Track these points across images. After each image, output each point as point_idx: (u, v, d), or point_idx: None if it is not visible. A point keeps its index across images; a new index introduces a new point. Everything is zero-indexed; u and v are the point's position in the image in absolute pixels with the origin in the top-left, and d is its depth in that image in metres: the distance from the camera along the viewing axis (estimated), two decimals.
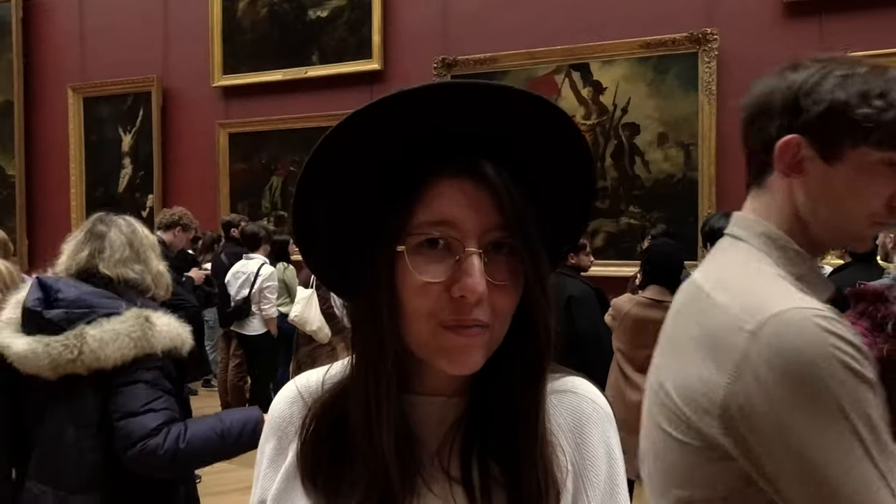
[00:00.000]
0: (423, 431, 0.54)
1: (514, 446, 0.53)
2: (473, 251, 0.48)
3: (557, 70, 4.90)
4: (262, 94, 5.87)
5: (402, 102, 0.48)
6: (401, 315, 0.51)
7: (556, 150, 0.53)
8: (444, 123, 0.49)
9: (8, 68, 6.88)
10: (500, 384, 0.54)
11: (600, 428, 0.57)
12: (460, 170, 0.50)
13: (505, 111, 0.49)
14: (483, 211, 0.50)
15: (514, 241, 0.50)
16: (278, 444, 0.59)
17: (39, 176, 7.02)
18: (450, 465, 0.53)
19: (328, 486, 0.54)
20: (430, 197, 0.50)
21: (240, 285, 4.08)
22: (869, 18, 4.25)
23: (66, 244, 1.60)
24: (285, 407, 0.60)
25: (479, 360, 0.51)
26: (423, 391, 0.55)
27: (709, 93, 4.52)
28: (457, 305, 0.49)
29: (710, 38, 4.49)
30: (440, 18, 5.32)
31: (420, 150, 0.50)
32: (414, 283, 0.49)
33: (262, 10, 5.92)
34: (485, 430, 0.54)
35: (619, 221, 4.75)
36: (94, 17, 6.63)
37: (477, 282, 0.47)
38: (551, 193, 0.55)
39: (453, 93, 0.49)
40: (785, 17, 4.47)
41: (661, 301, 2.58)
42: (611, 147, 4.80)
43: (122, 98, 6.51)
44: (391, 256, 0.50)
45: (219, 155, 6.12)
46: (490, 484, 0.53)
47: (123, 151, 6.59)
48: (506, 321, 0.52)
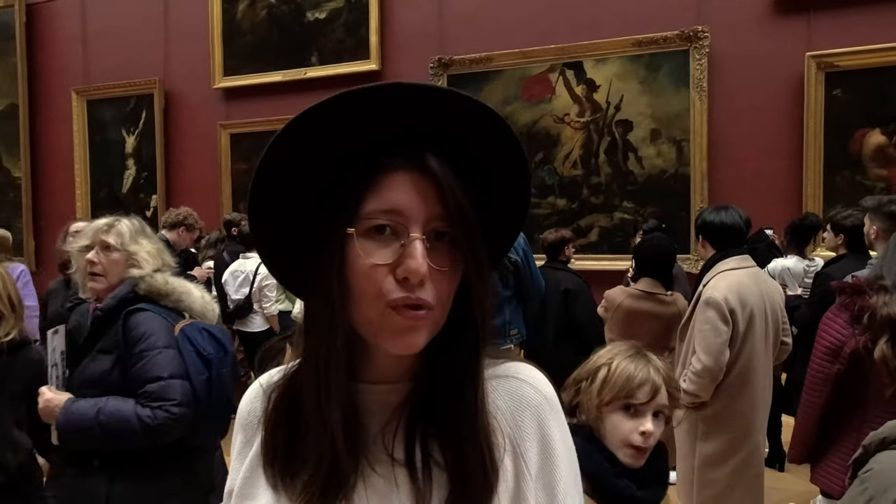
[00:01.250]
0: (368, 417, 0.57)
1: (454, 429, 0.55)
2: (417, 236, 0.51)
3: (551, 69, 4.92)
4: (262, 95, 5.90)
5: (353, 101, 0.51)
6: (350, 297, 0.53)
7: (491, 145, 0.56)
8: (392, 121, 0.53)
9: (12, 72, 6.90)
10: (441, 368, 0.56)
11: (536, 410, 0.59)
12: (408, 162, 0.53)
13: (444, 110, 0.53)
14: (427, 201, 0.52)
15: (454, 230, 0.53)
16: (244, 437, 0.62)
17: (45, 177, 7.04)
18: (393, 448, 0.56)
19: (284, 467, 0.56)
20: (379, 187, 0.53)
21: (238, 284, 4.10)
22: (856, 15, 4.26)
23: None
24: (248, 403, 0.64)
25: (421, 340, 0.53)
26: (368, 380, 0.57)
27: (700, 89, 4.54)
28: (402, 286, 0.51)
29: (701, 36, 4.51)
30: (436, 19, 5.33)
31: (371, 144, 0.54)
32: (363, 265, 0.52)
33: (261, 12, 5.93)
34: (426, 415, 0.56)
35: (613, 216, 4.77)
36: (97, 21, 6.64)
37: (420, 263, 0.50)
38: (492, 187, 0.58)
39: (398, 92, 0.52)
40: (774, 15, 4.48)
41: (652, 293, 2.60)
42: (604, 144, 4.82)
43: (124, 100, 6.53)
44: (342, 241, 0.53)
45: (220, 155, 6.15)
46: (431, 465, 0.55)
47: (127, 153, 6.61)
48: (446, 305, 0.54)
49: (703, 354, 2.11)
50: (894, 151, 4.21)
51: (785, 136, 4.38)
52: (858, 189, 4.13)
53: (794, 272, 3.39)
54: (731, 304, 2.11)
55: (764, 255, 3.37)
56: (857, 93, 4.27)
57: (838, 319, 1.76)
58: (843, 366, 1.76)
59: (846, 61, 4.25)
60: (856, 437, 1.78)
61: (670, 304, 2.58)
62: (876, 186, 4.23)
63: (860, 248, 2.88)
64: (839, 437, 1.83)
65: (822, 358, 1.79)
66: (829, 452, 1.84)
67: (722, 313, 2.10)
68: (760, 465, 2.22)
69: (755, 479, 2.23)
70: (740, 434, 2.18)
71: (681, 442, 2.29)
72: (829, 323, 1.79)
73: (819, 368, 1.80)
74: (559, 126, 4.93)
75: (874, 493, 1.12)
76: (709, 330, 2.12)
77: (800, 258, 3.49)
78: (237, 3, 6.01)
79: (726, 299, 2.11)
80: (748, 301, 2.15)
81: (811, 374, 1.84)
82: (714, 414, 2.18)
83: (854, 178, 4.28)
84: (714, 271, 2.26)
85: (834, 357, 1.77)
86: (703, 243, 2.40)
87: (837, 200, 4.06)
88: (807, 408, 1.87)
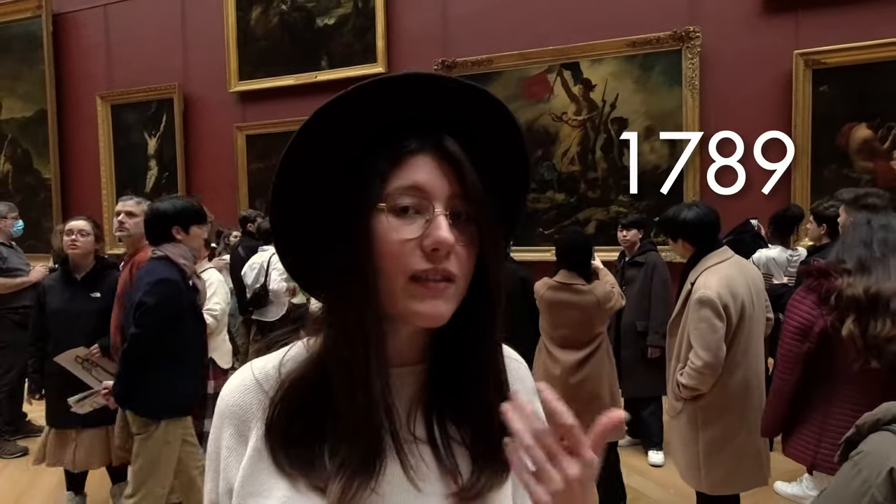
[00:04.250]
0: (389, 399, 0.56)
1: (472, 407, 0.57)
2: (441, 212, 0.53)
3: (549, 69, 4.96)
4: (275, 98, 5.98)
5: (372, 90, 0.53)
6: (379, 274, 0.53)
7: (500, 136, 0.60)
8: (411, 108, 0.55)
9: (41, 80, 7.02)
10: (462, 342, 0.57)
11: (524, 383, 0.65)
12: (429, 145, 0.55)
13: (461, 100, 0.56)
14: (448, 180, 0.54)
15: (471, 208, 0.55)
16: (235, 432, 0.58)
17: (73, 178, 7.17)
18: (415, 428, 0.57)
19: (303, 457, 0.54)
20: (403, 167, 0.54)
21: (255, 275, 4.19)
22: (842, 14, 4.26)
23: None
24: (238, 395, 0.59)
25: (445, 310, 0.53)
26: (390, 363, 0.56)
27: (692, 88, 4.56)
28: (429, 257, 0.52)
29: (693, 36, 4.53)
30: (439, 23, 5.39)
31: (392, 129, 0.55)
32: (391, 240, 0.52)
33: (273, 19, 6.01)
34: (442, 395, 0.58)
35: (609, 210, 4.81)
36: (119, 30, 6.75)
37: (446, 235, 0.52)
38: (496, 169, 0.60)
39: (419, 82, 0.55)
40: (763, 14, 4.49)
41: (569, 284, 2.60)
42: (601, 140, 4.86)
43: (146, 105, 6.63)
44: (369, 220, 0.53)
45: (237, 155, 6.24)
46: (451, 443, 0.57)
47: (149, 154, 6.72)
48: (467, 278, 0.55)
49: (702, 351, 2.12)
50: (879, 145, 4.22)
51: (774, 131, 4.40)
52: (846, 181, 4.13)
53: (779, 262, 3.42)
54: (724, 300, 2.13)
55: (749, 245, 3.39)
56: (843, 89, 4.28)
57: (806, 301, 1.79)
58: (813, 344, 1.79)
59: (833, 58, 4.26)
60: (825, 409, 1.82)
61: (587, 294, 2.58)
62: (862, 179, 4.24)
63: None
64: (809, 412, 1.86)
65: (792, 337, 1.82)
66: (799, 426, 1.88)
67: (717, 310, 2.12)
68: (759, 442, 2.24)
69: (758, 453, 2.25)
70: (737, 417, 2.21)
71: (682, 430, 2.31)
72: (797, 304, 1.82)
73: (790, 347, 1.84)
74: (557, 124, 4.97)
75: (868, 476, 1.13)
76: (705, 328, 2.13)
77: (783, 248, 3.51)
78: (251, 11, 6.09)
79: (719, 295, 2.12)
80: (738, 292, 2.17)
81: (782, 353, 1.87)
82: (712, 402, 2.21)
83: (841, 171, 4.29)
84: (700, 268, 2.27)
85: (804, 336, 1.80)
86: (683, 244, 2.36)
87: (825, 192, 4.07)
88: (779, 385, 1.91)
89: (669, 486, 3.18)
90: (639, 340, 3.45)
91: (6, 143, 7.36)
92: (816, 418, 1.83)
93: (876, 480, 1.12)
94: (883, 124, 4.20)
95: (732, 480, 2.25)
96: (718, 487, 2.26)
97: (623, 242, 3.77)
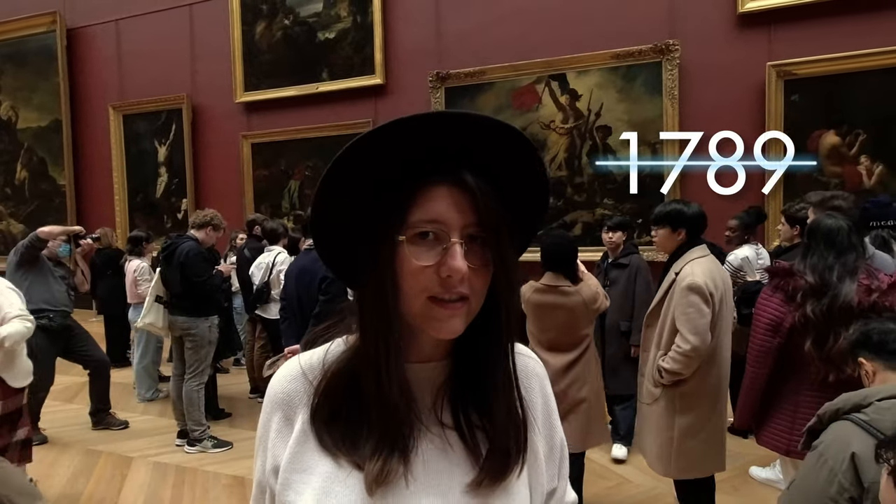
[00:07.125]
0: (418, 390, 0.60)
1: (488, 399, 0.61)
2: (456, 241, 0.55)
3: (538, 80, 4.99)
4: (279, 108, 5.99)
5: (400, 128, 0.56)
6: (400, 293, 0.57)
7: (519, 162, 0.62)
8: (433, 142, 0.56)
9: (56, 91, 7.02)
10: (478, 347, 0.61)
11: (539, 379, 0.70)
12: (447, 178, 0.57)
13: (481, 134, 0.58)
14: (464, 211, 0.56)
15: (486, 234, 0.57)
16: (283, 416, 0.62)
17: (87, 185, 7.17)
18: (442, 415, 0.61)
19: (345, 435, 0.59)
20: (423, 200, 0.56)
21: (262, 274, 4.19)
22: (812, 28, 4.32)
23: None
24: (288, 384, 0.63)
25: (459, 326, 0.57)
26: (415, 360, 0.61)
27: (672, 97, 4.60)
28: (444, 283, 0.55)
29: (673, 49, 4.57)
30: (434, 37, 5.41)
31: (416, 163, 0.57)
32: (412, 266, 0.55)
33: (277, 33, 6.02)
34: (466, 387, 0.62)
35: (595, 212, 4.85)
36: (130, 43, 6.75)
37: (460, 264, 0.54)
38: (517, 195, 0.63)
39: (441, 120, 0.57)
40: (738, 29, 4.53)
41: (555, 286, 2.53)
42: (586, 147, 4.89)
43: (156, 115, 6.64)
44: (393, 247, 0.56)
45: (243, 162, 6.26)
46: (474, 429, 0.61)
47: (159, 161, 6.73)
48: (481, 297, 0.58)
49: (690, 335, 2.10)
50: (847, 150, 4.27)
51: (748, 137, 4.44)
52: (815, 185, 4.19)
53: (752, 260, 3.44)
54: (710, 288, 2.13)
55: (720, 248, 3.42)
56: (813, 98, 4.33)
57: (774, 298, 1.82)
58: (783, 339, 1.82)
59: (803, 70, 4.31)
60: (794, 399, 1.85)
61: (574, 295, 2.51)
62: (831, 182, 4.29)
63: None
64: (780, 402, 1.88)
65: (763, 333, 1.85)
66: (770, 416, 1.90)
67: (704, 296, 2.11)
68: (724, 430, 2.26)
69: (721, 444, 2.26)
70: (710, 405, 2.22)
71: (658, 417, 2.29)
72: (765, 302, 1.85)
73: (762, 342, 1.86)
74: (546, 132, 5.00)
75: (833, 465, 1.17)
76: (694, 312, 2.11)
77: (751, 245, 3.52)
78: (256, 26, 6.10)
79: (706, 283, 2.13)
80: (718, 285, 2.18)
81: (754, 348, 1.89)
82: (691, 388, 2.21)
83: (811, 175, 4.34)
84: (684, 259, 2.28)
85: (775, 332, 1.83)
86: (680, 234, 2.32)
87: (796, 195, 4.12)
88: (752, 379, 1.93)
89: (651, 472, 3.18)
90: (622, 340, 3.45)
91: (23, 152, 7.35)
92: (787, 408, 1.85)
93: (841, 467, 1.16)
94: (850, 131, 4.26)
95: (698, 465, 2.24)
96: (685, 472, 2.25)
97: (608, 244, 3.78)
